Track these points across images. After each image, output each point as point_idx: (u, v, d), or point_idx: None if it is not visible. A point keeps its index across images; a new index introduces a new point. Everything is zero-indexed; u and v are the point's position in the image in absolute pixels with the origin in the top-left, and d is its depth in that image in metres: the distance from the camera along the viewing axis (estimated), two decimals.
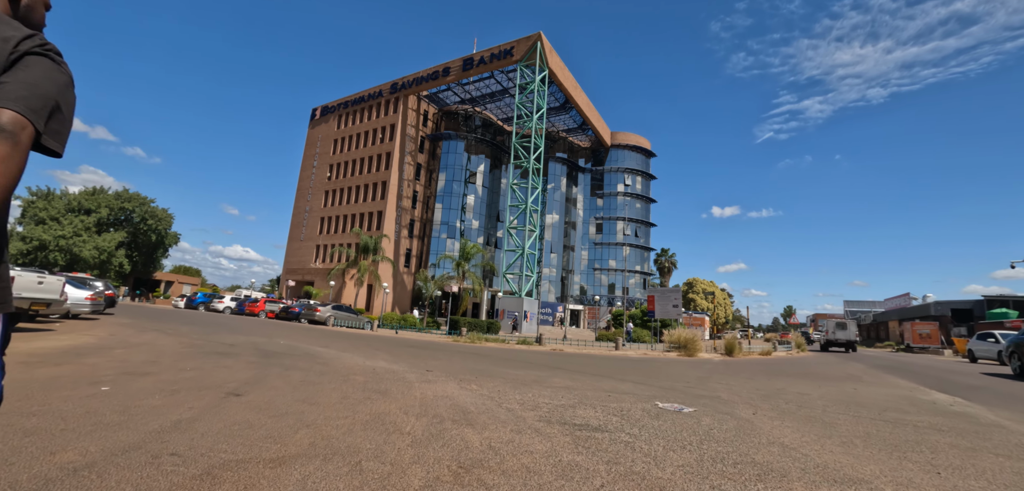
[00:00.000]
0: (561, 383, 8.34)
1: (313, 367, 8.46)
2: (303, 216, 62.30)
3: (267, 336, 15.18)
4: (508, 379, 8.50)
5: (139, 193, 57.25)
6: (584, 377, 9.61)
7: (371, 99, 59.32)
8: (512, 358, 13.62)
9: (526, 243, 44.41)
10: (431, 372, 8.87)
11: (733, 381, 10.45)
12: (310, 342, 14.14)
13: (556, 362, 13.15)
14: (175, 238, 60.76)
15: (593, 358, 15.77)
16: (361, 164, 57.54)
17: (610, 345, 23.61)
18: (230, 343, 12.00)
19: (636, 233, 68.24)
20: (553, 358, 14.62)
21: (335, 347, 13.09)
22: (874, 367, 17.21)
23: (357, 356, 11.05)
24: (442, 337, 23.69)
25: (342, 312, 28.68)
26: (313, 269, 57.16)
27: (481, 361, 11.87)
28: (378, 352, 12.61)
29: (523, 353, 16.20)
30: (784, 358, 21.66)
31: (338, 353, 11.48)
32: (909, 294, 68.21)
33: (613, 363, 14.07)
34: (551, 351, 18.46)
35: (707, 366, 14.71)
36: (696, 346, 18.86)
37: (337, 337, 18.00)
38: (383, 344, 16.06)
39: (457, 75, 52.10)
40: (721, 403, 6.98)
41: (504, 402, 5.99)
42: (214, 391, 5.49)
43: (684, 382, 9.81)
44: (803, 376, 12.60)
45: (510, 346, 19.81)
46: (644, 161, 71.07)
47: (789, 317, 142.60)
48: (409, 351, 13.77)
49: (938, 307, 57.03)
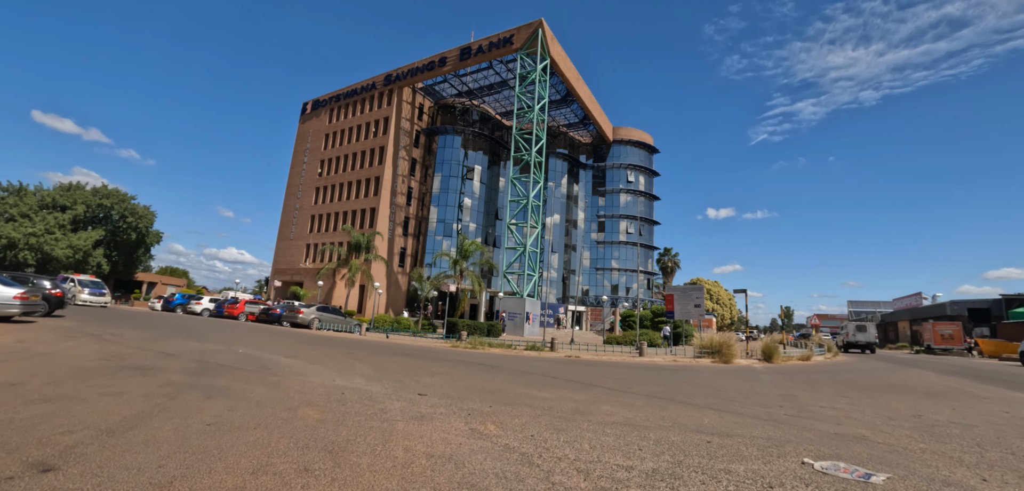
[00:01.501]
0: (616, 414, 5.76)
1: (252, 393, 5.83)
2: (293, 214, 59.44)
3: (227, 343, 12.52)
4: (537, 407, 5.91)
5: (119, 189, 54.16)
6: (635, 399, 7.04)
7: (364, 92, 56.60)
8: (527, 369, 11.02)
9: (528, 240, 41.77)
10: (425, 396, 6.27)
11: (823, 398, 7.91)
12: (278, 350, 11.49)
13: (582, 374, 10.57)
14: (157, 237, 57.64)
15: (621, 368, 13.20)
16: (353, 159, 54.78)
17: (627, 350, 21.04)
18: (170, 352, 9.37)
19: (640, 232, 65.74)
20: (575, 369, 12.04)
21: (305, 357, 10.45)
22: (955, 374, 14.69)
23: (329, 371, 8.42)
24: (438, 342, 21.04)
25: (328, 314, 25.97)
26: (303, 269, 54.31)
27: (491, 376, 9.28)
28: (359, 363, 9.99)
29: (537, 362, 13.59)
30: (830, 364, 19.12)
31: (306, 366, 8.85)
32: (921, 294, 66.03)
33: (649, 375, 11.50)
34: (567, 358, 15.87)
35: (764, 377, 12.15)
36: (732, 351, 16.31)
37: (316, 343, 15.34)
38: (369, 351, 13.42)
39: (454, 65, 49.44)
40: (891, 453, 4.41)
41: (551, 466, 3.41)
42: (17, 455, 2.89)
43: (767, 404, 7.26)
44: (891, 389, 10.07)
45: (519, 353, 17.21)
46: (647, 157, 68.64)
47: (788, 318, 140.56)
48: (399, 361, 11.14)
49: (954, 307, 54.84)
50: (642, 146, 67.91)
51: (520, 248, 42.39)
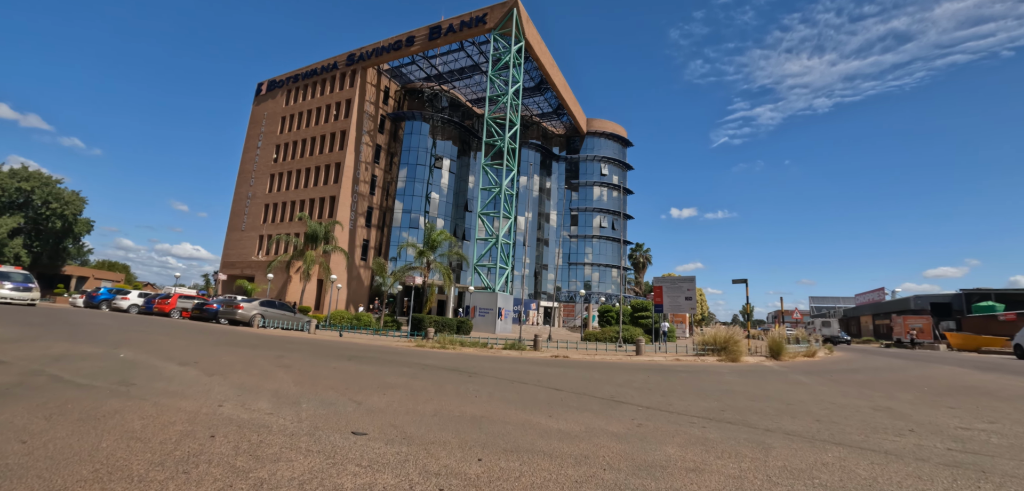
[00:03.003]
0: (707, 467, 3.38)
1: (49, 434, 3.14)
2: (244, 203, 54.72)
3: (115, 344, 9.52)
4: (564, 460, 3.50)
5: (42, 170, 48.05)
6: (699, 427, 4.73)
7: (325, 72, 52.56)
8: (514, 377, 8.58)
9: (501, 231, 39.26)
10: (363, 439, 3.75)
11: (925, 409, 5.82)
12: (177, 355, 8.61)
13: (589, 383, 8.22)
14: (87, 226, 51.67)
15: (627, 370, 10.96)
16: (312, 144, 50.76)
17: (614, 348, 18.92)
18: (25, 358, 6.43)
19: (613, 226, 64.42)
20: (574, 374, 9.70)
21: (209, 364, 7.64)
22: (976, 368, 13.15)
23: (228, 387, 5.72)
24: (402, 341, 18.30)
25: (274, 310, 22.70)
26: (255, 262, 49.92)
27: (469, 389, 6.78)
28: (284, 371, 7.28)
29: (523, 366, 11.16)
30: (835, 360, 17.52)
31: (197, 378, 6.11)
32: (883, 289, 67.47)
33: (669, 379, 9.27)
34: (555, 359, 13.51)
35: (804, 381, 10.11)
36: (739, 348, 14.36)
37: (241, 345, 12.40)
38: (307, 354, 10.65)
39: (422, 45, 46.27)
40: None
41: None
42: None
43: (881, 426, 5.08)
44: (968, 391, 8.16)
45: (497, 353, 14.73)
46: (620, 150, 67.38)
47: (750, 315, 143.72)
48: (343, 368, 8.47)
49: (918, 301, 55.88)
50: (616, 139, 66.58)
51: (492, 239, 39.85)
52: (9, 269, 24.69)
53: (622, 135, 67.01)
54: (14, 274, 24.02)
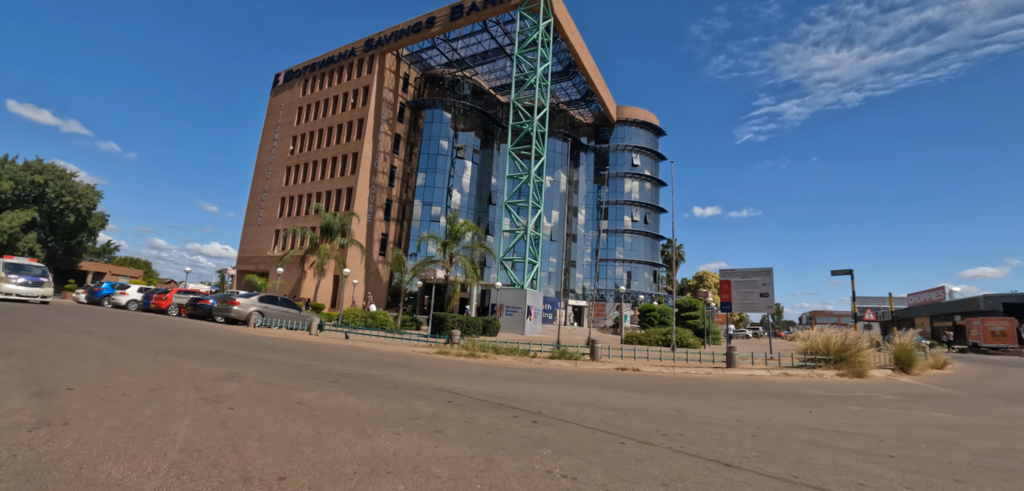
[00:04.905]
0: None
1: None
2: (260, 197, 52.71)
3: (4, 354, 6.48)
4: None
5: (56, 163, 46.77)
6: None
7: (342, 59, 50.03)
8: (601, 422, 5.19)
9: (530, 222, 35.81)
10: None
11: None
12: (80, 367, 5.51)
13: (734, 432, 4.76)
14: (102, 220, 50.28)
15: (746, 397, 7.45)
16: (329, 133, 48.28)
17: (664, 351, 15.29)
18: None
19: (645, 220, 60.21)
20: (692, 411, 6.24)
21: (76, 396, 4.46)
22: None
23: None
24: (420, 346, 15.07)
25: (275, 307, 19.82)
26: (270, 257, 47.74)
27: (544, 457, 3.38)
28: (186, 420, 4.06)
29: (592, 391, 7.73)
30: (983, 372, 13.54)
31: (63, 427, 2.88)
32: (943, 288, 61.50)
33: (846, 420, 5.72)
34: (621, 373, 10.05)
35: (986, 407, 6.40)
36: (864, 359, 10.66)
37: (195, 353, 9.32)
38: (278, 370, 7.48)
39: (444, 26, 43.20)
40: None
41: None
42: None
43: None
44: None
45: (543, 364, 11.35)
46: (653, 139, 63.01)
47: (779, 316, 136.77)
48: (315, 406, 5.23)
49: (988, 302, 50.09)
50: (648, 127, 62.31)
51: (519, 232, 36.44)
52: (24, 261, 22.37)
53: (655, 123, 62.67)
54: (31, 267, 21.48)
